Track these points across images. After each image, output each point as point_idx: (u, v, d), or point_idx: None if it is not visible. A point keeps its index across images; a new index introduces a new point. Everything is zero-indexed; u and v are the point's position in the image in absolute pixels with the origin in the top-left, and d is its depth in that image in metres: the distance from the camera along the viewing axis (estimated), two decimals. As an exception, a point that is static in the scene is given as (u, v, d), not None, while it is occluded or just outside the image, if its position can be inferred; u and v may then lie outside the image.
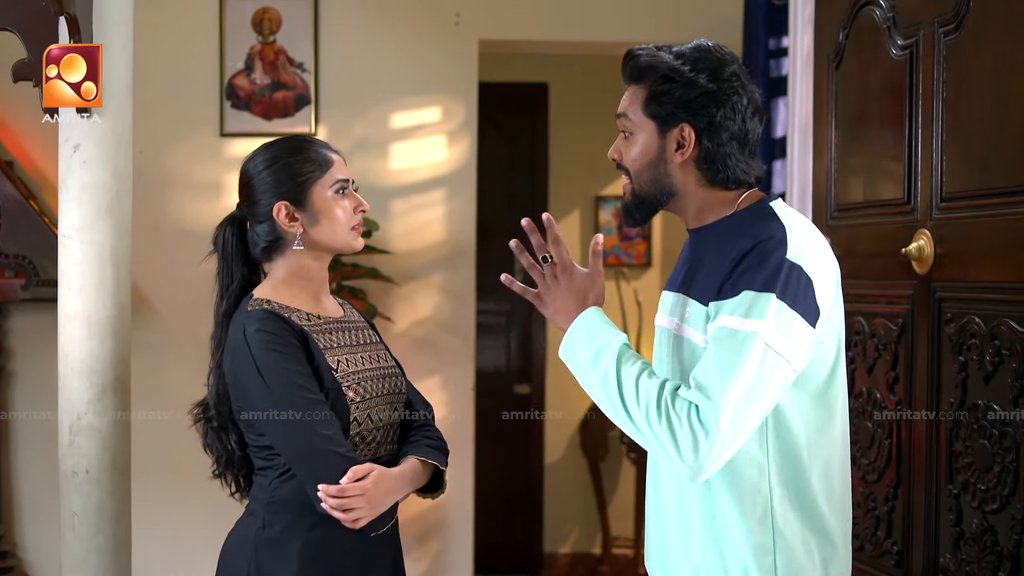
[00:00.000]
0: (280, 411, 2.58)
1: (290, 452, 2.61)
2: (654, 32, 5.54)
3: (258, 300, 2.70)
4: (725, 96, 2.42)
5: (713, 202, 2.49)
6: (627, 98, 2.50)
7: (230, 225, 2.83)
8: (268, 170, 2.75)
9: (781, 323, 2.25)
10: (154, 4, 4.92)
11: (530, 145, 7.17)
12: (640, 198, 2.51)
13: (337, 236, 2.77)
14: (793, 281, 2.27)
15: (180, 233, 5.35)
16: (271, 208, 2.73)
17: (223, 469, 2.85)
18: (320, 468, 2.58)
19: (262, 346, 2.61)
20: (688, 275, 2.50)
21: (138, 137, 3.67)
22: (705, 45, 2.47)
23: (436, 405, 5.46)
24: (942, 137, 3.26)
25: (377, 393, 2.77)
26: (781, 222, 2.37)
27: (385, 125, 5.51)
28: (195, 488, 4.02)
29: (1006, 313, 3.01)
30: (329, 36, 5.47)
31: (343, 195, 2.77)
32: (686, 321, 2.43)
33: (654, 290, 7.14)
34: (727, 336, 2.25)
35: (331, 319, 2.80)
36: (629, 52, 2.50)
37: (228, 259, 2.82)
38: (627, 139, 2.50)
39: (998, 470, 3.01)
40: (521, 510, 7.11)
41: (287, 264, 2.78)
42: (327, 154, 2.78)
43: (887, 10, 3.52)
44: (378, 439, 2.76)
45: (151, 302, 5.37)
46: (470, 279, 5.63)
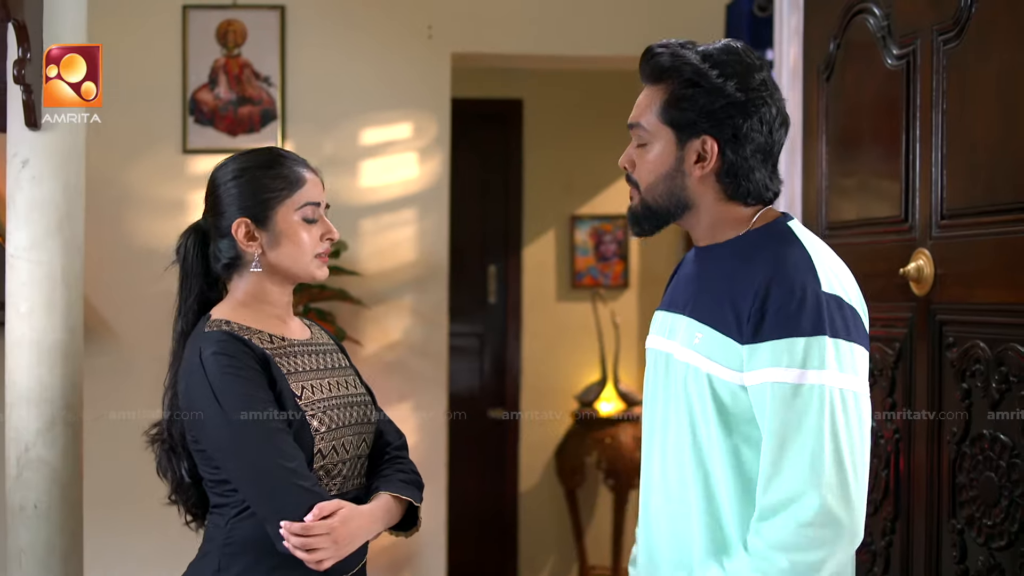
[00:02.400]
0: (238, 441, 2.40)
1: (249, 486, 2.42)
2: (632, 46, 5.32)
3: (216, 321, 2.52)
4: (753, 107, 2.26)
5: (728, 218, 2.33)
6: (643, 101, 2.33)
7: (193, 234, 2.65)
8: (235, 182, 2.57)
9: (844, 361, 2.13)
10: (112, 13, 4.79)
11: (504, 163, 7.08)
12: (652, 209, 2.35)
13: (298, 262, 2.57)
14: (839, 314, 2.15)
15: (141, 253, 5.20)
16: (232, 223, 2.55)
17: (176, 495, 2.66)
18: (282, 504, 2.38)
19: (219, 370, 2.42)
20: (694, 297, 2.34)
21: (95, 153, 3.54)
22: (735, 47, 2.31)
23: (407, 431, 5.34)
24: (943, 150, 3.12)
25: (344, 422, 2.58)
26: (803, 247, 2.23)
27: (354, 141, 5.40)
28: (153, 524, 3.88)
29: (1014, 337, 2.85)
30: (296, 49, 5.35)
31: (311, 219, 2.57)
32: (695, 348, 2.27)
33: (631, 311, 7.07)
34: (789, 395, 2.13)
35: (296, 341, 2.61)
36: (649, 49, 2.34)
37: (188, 272, 2.64)
38: (641, 147, 2.34)
39: (1006, 504, 2.85)
40: (495, 539, 7.01)
41: (246, 286, 2.60)
42: (301, 172, 2.58)
43: (881, 18, 3.38)
44: (344, 472, 2.56)
45: (109, 325, 5.20)
46: (442, 301, 5.51)
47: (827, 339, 2.12)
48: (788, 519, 2.10)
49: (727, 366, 2.21)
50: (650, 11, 5.54)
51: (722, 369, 2.21)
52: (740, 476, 2.22)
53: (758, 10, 4.81)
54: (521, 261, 7.02)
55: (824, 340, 2.12)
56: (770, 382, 2.14)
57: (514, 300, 7.00)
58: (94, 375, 3.93)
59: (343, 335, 5.05)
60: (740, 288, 2.21)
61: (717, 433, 2.23)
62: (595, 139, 6.93)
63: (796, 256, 2.21)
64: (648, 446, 2.41)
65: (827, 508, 2.08)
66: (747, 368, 2.18)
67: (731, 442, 2.22)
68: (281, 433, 2.42)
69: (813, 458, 2.09)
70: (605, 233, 7.05)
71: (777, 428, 2.12)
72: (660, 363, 2.40)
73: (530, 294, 7.05)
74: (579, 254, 7.08)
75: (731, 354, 2.20)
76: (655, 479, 2.38)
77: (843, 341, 2.14)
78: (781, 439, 2.12)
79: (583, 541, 6.89)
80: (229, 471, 2.44)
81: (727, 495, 2.23)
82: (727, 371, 2.21)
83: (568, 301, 7.10)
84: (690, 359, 2.27)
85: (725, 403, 2.22)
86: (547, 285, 7.11)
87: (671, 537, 2.33)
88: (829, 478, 2.09)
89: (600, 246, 7.07)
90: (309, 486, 2.40)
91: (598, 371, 6.85)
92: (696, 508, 2.27)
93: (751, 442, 2.21)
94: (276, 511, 2.38)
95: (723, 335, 2.22)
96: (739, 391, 2.20)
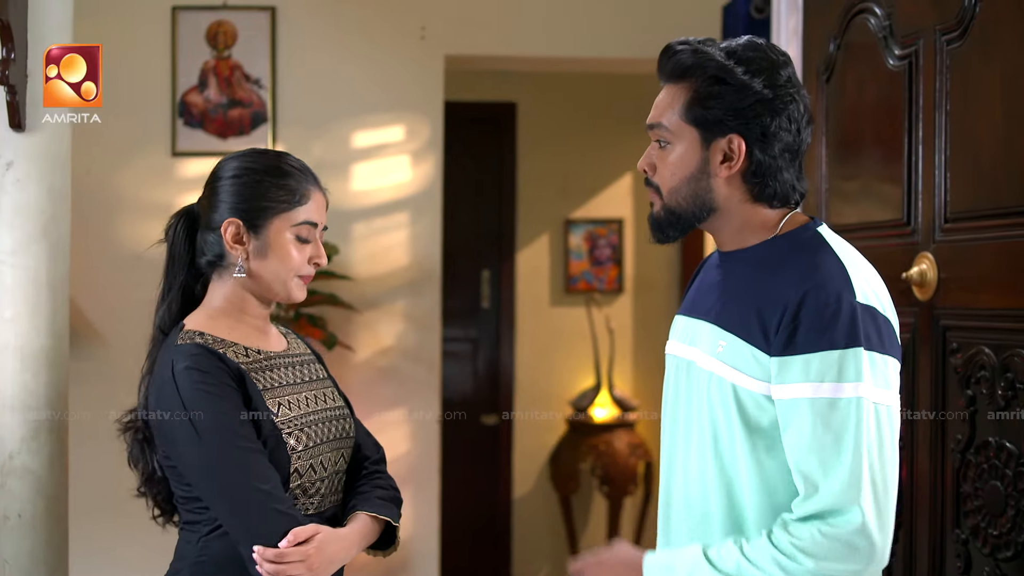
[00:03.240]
0: (211, 461, 2.32)
1: (222, 507, 2.34)
2: (626, 48, 5.48)
3: (189, 332, 2.43)
4: (781, 104, 2.19)
5: (755, 221, 2.26)
6: (663, 100, 2.25)
7: (185, 218, 2.56)
8: (236, 180, 2.48)
9: (877, 374, 2.09)
10: (99, 14, 4.76)
11: (498, 166, 7.03)
12: (676, 214, 2.26)
13: (278, 278, 2.48)
14: (873, 325, 2.11)
15: (130, 257, 5.08)
16: (223, 221, 2.47)
17: (145, 487, 2.57)
18: (257, 527, 2.31)
19: (192, 386, 2.34)
20: (719, 303, 2.27)
21: (84, 156, 3.51)
22: (759, 43, 2.23)
23: (399, 438, 5.39)
24: (946, 152, 3.06)
25: (322, 439, 2.50)
26: (836, 255, 2.18)
27: (346, 144, 5.35)
28: (140, 534, 3.80)
29: (1020, 343, 2.80)
30: (287, 51, 5.29)
31: (304, 239, 2.49)
32: (718, 356, 2.21)
33: (626, 317, 7.03)
34: (826, 409, 2.08)
35: (272, 353, 2.53)
36: (668, 47, 2.25)
37: (174, 255, 2.55)
38: (662, 149, 2.26)
39: (1012, 514, 2.79)
40: (488, 546, 6.96)
41: (225, 292, 2.51)
42: (307, 188, 2.50)
43: (883, 18, 3.33)
44: (323, 491, 2.49)
45: (97, 330, 5.14)
46: (435, 305, 5.46)
47: (863, 351, 2.08)
48: (825, 528, 2.05)
49: (752, 376, 2.16)
50: (645, 13, 5.49)
51: (747, 379, 2.16)
52: (763, 486, 2.17)
53: (755, 12, 4.77)
54: (515, 265, 6.97)
55: (860, 352, 2.07)
56: (806, 397, 2.09)
57: (508, 305, 6.95)
58: (82, 380, 3.89)
59: (334, 340, 4.99)
60: (769, 297, 2.15)
61: (741, 443, 2.18)
62: (590, 142, 6.92)
63: (830, 265, 2.15)
64: (670, 454, 2.35)
65: (866, 526, 2.05)
66: (777, 380, 2.13)
67: (755, 453, 2.17)
68: (255, 453, 2.34)
69: (852, 474, 2.05)
70: (600, 237, 7.00)
71: (815, 445, 2.07)
72: (682, 370, 2.34)
73: (524, 299, 7.01)
74: (573, 258, 7.03)
75: (758, 364, 2.15)
76: (676, 488, 2.32)
77: (877, 354, 2.09)
78: (820, 457, 2.07)
79: (577, 548, 6.82)
80: (201, 490, 2.37)
81: (750, 505, 2.18)
82: (752, 381, 2.16)
83: (562, 306, 7.05)
84: (714, 368, 2.22)
85: (749, 413, 2.17)
86: (541, 290, 7.06)
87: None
88: (867, 495, 2.05)
89: (594, 250, 7.02)
90: (284, 509, 2.33)
91: (592, 377, 6.81)
92: (717, 517, 2.22)
93: (775, 453, 2.16)
94: (250, 534, 2.31)
95: (749, 344, 2.16)
96: (764, 401, 2.15)
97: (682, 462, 2.31)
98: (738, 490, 2.20)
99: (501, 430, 6.92)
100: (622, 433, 6.57)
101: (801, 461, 2.09)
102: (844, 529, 2.05)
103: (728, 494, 2.21)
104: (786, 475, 2.15)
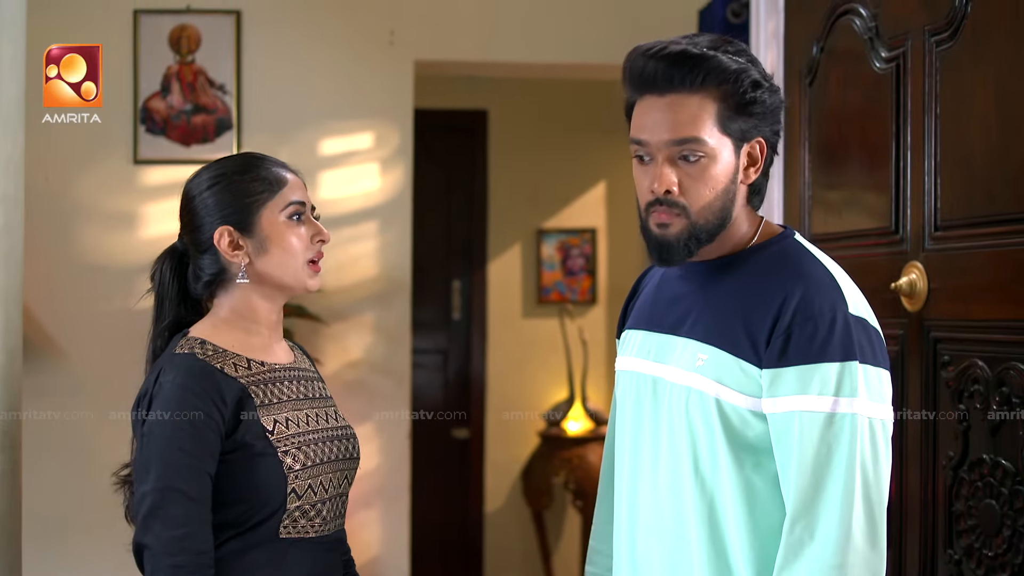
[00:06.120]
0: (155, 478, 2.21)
1: (140, 507, 2.22)
2: (600, 53, 5.38)
3: (192, 340, 2.34)
4: (781, 101, 2.15)
5: (740, 228, 2.18)
6: (690, 111, 2.07)
7: (169, 258, 2.46)
8: (211, 190, 2.39)
9: (872, 388, 2.02)
10: (56, 15, 4.66)
11: (469, 175, 6.97)
12: (704, 231, 2.12)
13: (288, 269, 2.39)
14: (866, 337, 2.05)
15: (90, 268, 5.04)
16: (213, 234, 2.37)
17: None
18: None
19: (175, 403, 2.24)
20: (693, 316, 2.16)
21: (42, 163, 3.40)
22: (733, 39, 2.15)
23: (369, 452, 5.28)
24: (936, 158, 2.98)
25: (323, 459, 2.38)
26: (823, 265, 2.11)
27: (313, 152, 5.24)
28: (100, 558, 3.68)
29: (1015, 355, 2.70)
30: (252, 55, 5.18)
31: (298, 221, 2.41)
32: (698, 370, 2.10)
33: (599, 328, 6.96)
34: (823, 425, 2.00)
35: (277, 366, 2.43)
36: (681, 52, 2.07)
37: (163, 296, 2.45)
38: (692, 163, 2.09)
39: (1008, 534, 2.69)
40: (460, 562, 6.91)
41: (231, 302, 2.41)
42: (281, 173, 2.43)
43: (869, 20, 3.24)
44: (324, 513, 2.36)
45: (57, 343, 5.00)
46: (405, 317, 5.37)
47: (858, 365, 2.01)
48: (816, 560, 1.97)
49: (739, 390, 2.06)
50: (618, 17, 5.42)
51: (732, 393, 2.06)
52: (751, 507, 2.07)
53: (732, 15, 4.69)
54: (486, 276, 6.90)
55: (855, 366, 2.00)
56: (800, 411, 2.01)
57: (479, 316, 6.88)
58: (39, 395, 3.77)
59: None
60: (756, 307, 2.06)
61: (726, 461, 2.07)
62: (562, 151, 6.86)
63: (818, 275, 2.08)
64: (632, 476, 2.22)
65: (856, 548, 1.97)
66: (768, 394, 2.03)
67: (741, 468, 2.07)
68: (194, 505, 2.21)
69: (845, 494, 1.98)
70: (572, 247, 6.93)
71: (808, 460, 2.00)
72: (645, 387, 2.21)
73: (495, 310, 6.93)
74: (545, 269, 6.96)
75: (745, 377, 2.05)
76: (643, 512, 2.19)
77: (871, 367, 2.03)
78: (813, 472, 1.99)
79: (551, 564, 6.80)
80: (137, 476, 2.26)
81: (735, 528, 2.08)
82: (738, 395, 2.06)
83: (534, 317, 6.98)
84: (692, 382, 2.10)
85: (735, 429, 2.07)
86: (513, 301, 6.98)
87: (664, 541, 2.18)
88: (858, 516, 1.98)
89: (567, 260, 6.96)
90: (178, 563, 2.19)
91: (566, 389, 6.73)
92: (698, 545, 2.11)
93: (763, 471, 2.06)
94: (145, 546, 2.21)
95: (734, 356, 2.06)
96: (750, 416, 2.06)
97: (649, 484, 2.19)
98: (719, 508, 2.09)
99: (472, 444, 6.87)
100: (596, 447, 6.48)
101: (794, 476, 2.01)
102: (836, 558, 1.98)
103: (710, 513, 2.10)
104: (773, 490, 2.07)
